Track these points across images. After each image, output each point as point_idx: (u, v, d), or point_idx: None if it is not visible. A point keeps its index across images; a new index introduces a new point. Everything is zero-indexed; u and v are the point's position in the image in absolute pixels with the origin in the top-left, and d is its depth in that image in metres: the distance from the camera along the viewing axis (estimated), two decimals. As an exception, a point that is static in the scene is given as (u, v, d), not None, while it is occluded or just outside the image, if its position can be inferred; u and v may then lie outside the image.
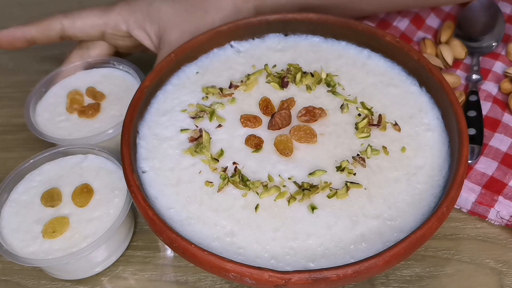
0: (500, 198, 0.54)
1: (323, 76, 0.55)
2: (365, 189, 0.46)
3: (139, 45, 0.66)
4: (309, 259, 0.42)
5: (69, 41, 0.65)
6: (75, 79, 0.66)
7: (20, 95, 0.74)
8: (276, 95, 0.54)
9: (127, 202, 0.51)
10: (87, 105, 0.62)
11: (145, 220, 0.44)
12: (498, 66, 0.66)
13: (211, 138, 0.51)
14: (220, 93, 0.54)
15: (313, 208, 0.45)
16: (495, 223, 0.54)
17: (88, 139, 0.57)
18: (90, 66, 0.66)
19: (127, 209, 0.51)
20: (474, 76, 0.65)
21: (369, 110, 0.52)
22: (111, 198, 0.52)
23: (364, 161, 0.48)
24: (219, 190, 0.47)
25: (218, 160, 0.49)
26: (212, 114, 0.52)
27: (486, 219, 0.54)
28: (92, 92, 0.63)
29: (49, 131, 0.59)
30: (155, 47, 0.64)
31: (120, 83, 0.65)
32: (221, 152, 0.49)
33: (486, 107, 0.62)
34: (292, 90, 0.54)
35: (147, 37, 0.63)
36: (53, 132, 0.60)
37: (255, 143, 0.50)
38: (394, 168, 0.48)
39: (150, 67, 0.58)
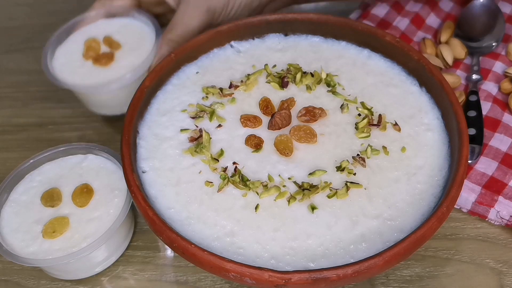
0: (500, 198, 0.54)
1: (323, 76, 0.55)
2: (365, 189, 0.46)
3: (162, 1, 0.68)
4: (309, 259, 0.42)
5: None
6: (95, 27, 0.68)
7: (20, 95, 0.74)
8: (276, 95, 0.54)
9: (127, 202, 0.51)
10: (102, 53, 0.64)
11: (145, 220, 0.44)
12: (498, 66, 0.66)
13: (211, 138, 0.51)
14: (220, 93, 0.54)
15: (313, 208, 0.45)
16: (495, 223, 0.54)
17: (98, 87, 0.60)
18: (111, 15, 0.69)
19: (127, 209, 0.51)
20: (474, 76, 0.65)
21: (369, 110, 0.52)
22: (111, 198, 0.52)
23: (364, 161, 0.48)
24: (219, 190, 0.47)
25: (218, 160, 0.49)
26: (212, 114, 0.52)
27: (486, 219, 0.54)
28: (109, 41, 0.65)
29: (64, 76, 0.62)
30: (176, 3, 0.66)
31: (137, 34, 0.66)
32: (221, 152, 0.49)
33: (486, 107, 0.62)
34: (292, 90, 0.54)
35: None
36: (67, 77, 0.62)
37: (255, 143, 0.50)
38: (394, 168, 0.48)
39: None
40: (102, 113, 0.67)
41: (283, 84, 0.55)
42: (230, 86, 0.55)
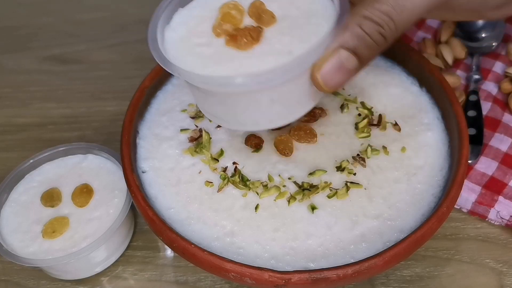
0: (500, 198, 0.54)
1: (323, 76, 0.55)
2: (365, 189, 0.46)
3: None
4: (309, 259, 0.42)
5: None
6: None
7: (20, 95, 0.74)
8: (276, 95, 0.54)
9: (127, 202, 0.51)
10: (244, 27, 0.41)
11: (145, 220, 0.44)
12: (498, 66, 0.66)
13: (211, 138, 0.51)
14: (220, 93, 0.54)
15: (313, 208, 0.45)
16: (495, 223, 0.54)
17: (223, 81, 0.37)
18: None
19: (127, 209, 0.51)
20: (474, 76, 0.65)
21: (369, 110, 0.52)
22: (111, 198, 0.52)
23: (364, 161, 0.48)
24: (219, 190, 0.47)
25: (218, 160, 0.49)
26: (212, 114, 0.52)
27: (486, 219, 0.54)
28: (257, 10, 0.41)
29: (178, 57, 0.41)
30: None
31: (307, 3, 0.42)
32: (221, 152, 0.49)
33: (486, 107, 0.62)
34: (292, 90, 0.54)
35: None
36: (182, 59, 0.40)
37: (255, 143, 0.50)
38: (394, 168, 0.48)
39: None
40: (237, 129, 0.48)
41: (283, 84, 0.54)
42: (230, 86, 0.55)
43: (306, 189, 0.46)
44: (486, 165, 0.57)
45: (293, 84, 0.38)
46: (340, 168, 0.47)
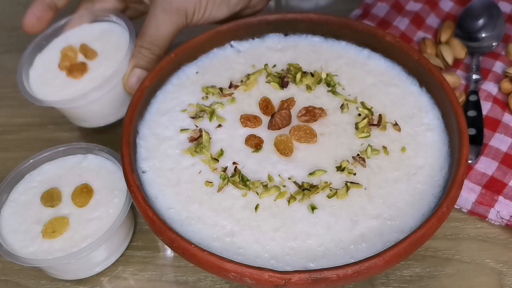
0: (500, 198, 0.54)
1: (323, 76, 0.55)
2: (365, 189, 0.46)
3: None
4: (309, 259, 0.42)
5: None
6: (75, 33, 0.63)
7: (20, 95, 0.74)
8: (276, 95, 0.54)
9: (127, 202, 0.51)
10: (74, 64, 0.60)
11: (145, 220, 0.44)
12: (498, 66, 0.66)
13: (211, 138, 0.51)
14: (220, 93, 0.54)
15: (313, 208, 0.45)
16: (495, 223, 0.54)
17: (65, 101, 0.57)
18: (92, 20, 0.64)
19: (127, 209, 0.51)
20: (474, 76, 0.65)
21: (369, 110, 0.52)
22: (111, 198, 0.52)
23: (364, 161, 0.48)
24: (219, 190, 0.47)
25: (218, 160, 0.49)
26: (212, 114, 0.52)
27: (486, 219, 0.54)
28: (84, 49, 0.61)
29: (38, 88, 0.59)
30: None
31: (115, 41, 0.62)
32: (221, 152, 0.49)
33: (486, 107, 0.62)
34: (292, 90, 0.54)
35: None
36: (41, 89, 0.59)
37: (255, 143, 0.50)
38: (394, 168, 0.48)
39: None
40: (82, 126, 0.64)
41: (283, 84, 0.55)
42: (230, 86, 0.55)
43: (306, 189, 0.46)
44: (486, 165, 0.57)
45: (111, 93, 0.59)
46: (340, 168, 0.47)
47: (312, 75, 0.55)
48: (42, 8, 0.62)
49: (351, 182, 0.46)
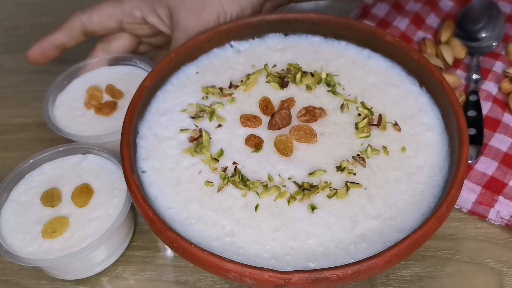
0: (500, 198, 0.54)
1: (323, 76, 0.55)
2: (365, 189, 0.46)
3: (158, 32, 0.65)
4: (309, 259, 0.42)
5: (89, 38, 0.66)
6: (97, 74, 0.66)
7: (20, 95, 0.74)
8: (276, 95, 0.54)
9: (127, 202, 0.51)
10: (104, 102, 0.62)
11: (145, 220, 0.44)
12: (498, 66, 0.66)
13: (211, 138, 0.51)
14: (220, 93, 0.54)
15: (313, 208, 0.45)
16: (495, 223, 0.54)
17: (101, 136, 0.58)
18: (113, 62, 0.66)
19: (127, 209, 0.51)
20: (474, 76, 0.65)
21: (369, 110, 0.52)
22: (111, 198, 0.52)
23: (364, 161, 0.48)
24: (219, 190, 0.47)
25: (218, 160, 0.49)
26: (212, 114, 0.52)
27: (486, 219, 0.54)
28: (111, 90, 0.63)
29: (65, 125, 0.60)
30: (170, 30, 0.63)
31: (139, 83, 0.62)
32: (221, 152, 0.49)
33: (486, 107, 0.62)
34: (292, 90, 0.54)
35: (161, 21, 0.63)
36: (68, 126, 0.60)
37: (255, 143, 0.50)
38: (394, 168, 0.48)
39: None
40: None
41: (283, 84, 0.55)
42: (230, 86, 0.55)
43: (306, 189, 0.46)
44: (486, 165, 0.57)
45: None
46: (340, 168, 0.47)
47: (312, 75, 0.55)
48: (50, 47, 0.65)
49: (351, 182, 0.46)
